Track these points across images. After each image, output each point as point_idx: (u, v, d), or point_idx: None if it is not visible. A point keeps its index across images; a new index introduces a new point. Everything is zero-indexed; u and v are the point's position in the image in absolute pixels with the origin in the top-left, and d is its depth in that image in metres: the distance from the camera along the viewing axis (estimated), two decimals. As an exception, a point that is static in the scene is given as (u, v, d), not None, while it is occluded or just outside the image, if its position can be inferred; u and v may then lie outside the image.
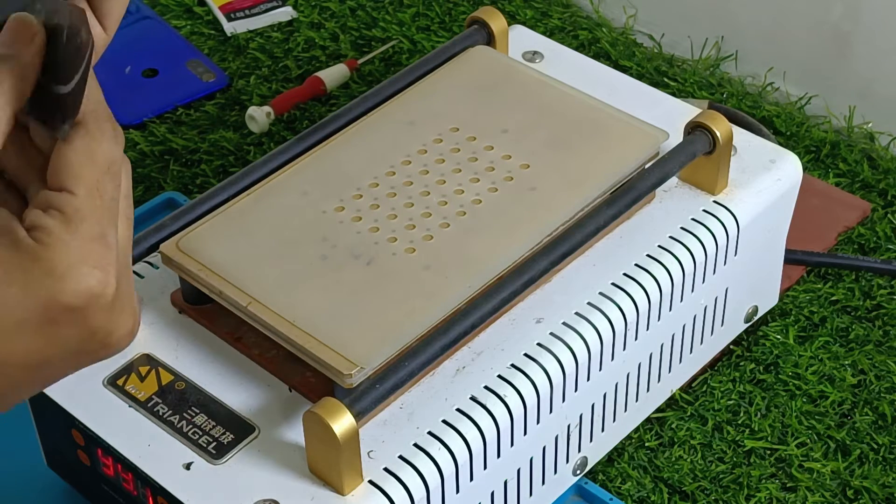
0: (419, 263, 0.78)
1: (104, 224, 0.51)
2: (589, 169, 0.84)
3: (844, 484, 0.88)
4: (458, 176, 0.83)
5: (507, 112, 0.88)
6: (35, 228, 0.50)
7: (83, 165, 0.51)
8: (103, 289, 0.51)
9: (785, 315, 0.97)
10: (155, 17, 1.26)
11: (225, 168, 1.10)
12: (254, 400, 0.76)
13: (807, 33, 1.15)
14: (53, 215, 0.50)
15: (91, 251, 0.50)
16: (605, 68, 0.98)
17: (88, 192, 0.51)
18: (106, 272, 0.51)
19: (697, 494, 0.87)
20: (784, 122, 1.13)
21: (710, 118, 0.86)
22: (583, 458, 0.84)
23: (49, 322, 0.50)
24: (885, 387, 0.93)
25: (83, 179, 0.51)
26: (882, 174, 1.08)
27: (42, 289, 0.50)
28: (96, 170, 0.51)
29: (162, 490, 0.73)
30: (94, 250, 0.50)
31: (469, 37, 0.94)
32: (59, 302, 0.50)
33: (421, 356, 0.73)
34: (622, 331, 0.81)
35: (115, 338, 0.53)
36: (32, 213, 0.50)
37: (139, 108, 1.16)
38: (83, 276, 0.50)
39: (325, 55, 1.21)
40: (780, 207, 0.90)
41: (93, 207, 0.51)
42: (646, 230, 0.86)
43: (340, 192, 0.82)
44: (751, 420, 0.91)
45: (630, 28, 1.25)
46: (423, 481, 0.73)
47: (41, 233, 0.50)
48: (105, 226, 0.51)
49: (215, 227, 0.81)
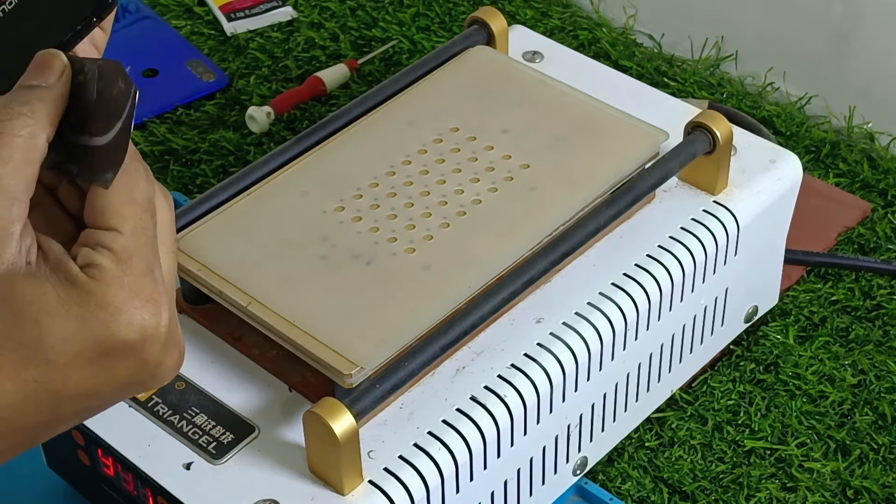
0: (419, 263, 0.78)
1: (150, 260, 0.53)
2: (589, 169, 0.84)
3: (844, 484, 0.88)
4: (458, 176, 0.83)
5: (507, 112, 0.88)
6: (87, 266, 0.51)
7: (125, 205, 0.52)
8: (157, 322, 0.52)
9: (785, 315, 0.97)
10: (155, 17, 1.26)
11: (225, 168, 1.10)
12: (254, 400, 0.76)
13: (807, 33, 1.15)
14: (103, 253, 0.52)
15: (143, 286, 0.52)
16: (605, 68, 0.98)
17: (133, 231, 0.52)
18: (158, 306, 0.52)
19: (697, 494, 0.87)
20: (784, 122, 1.13)
21: (710, 118, 0.86)
22: (583, 458, 0.84)
23: (103, 355, 0.51)
24: (885, 387, 0.93)
25: (127, 219, 0.52)
26: (882, 174, 1.08)
27: (97, 323, 0.51)
28: (137, 209, 0.53)
29: (162, 490, 0.73)
30: (146, 285, 0.52)
31: (469, 37, 0.94)
32: (115, 336, 0.51)
33: (421, 356, 0.73)
34: (622, 331, 0.81)
35: (163, 369, 0.54)
36: (83, 251, 0.52)
37: (139, 108, 1.15)
38: (137, 311, 0.52)
39: (325, 55, 1.21)
40: (780, 207, 0.90)
41: (138, 245, 0.52)
42: (646, 230, 0.85)
43: (340, 192, 0.82)
44: (751, 420, 0.91)
45: (630, 28, 1.25)
46: (423, 481, 0.73)
47: (94, 269, 0.51)
48: (151, 261, 0.53)
49: (215, 227, 0.81)
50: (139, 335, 0.52)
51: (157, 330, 0.52)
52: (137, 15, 1.26)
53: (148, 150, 1.12)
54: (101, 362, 0.51)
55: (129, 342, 0.52)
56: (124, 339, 0.51)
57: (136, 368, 0.53)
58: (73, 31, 0.53)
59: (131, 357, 0.52)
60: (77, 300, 0.51)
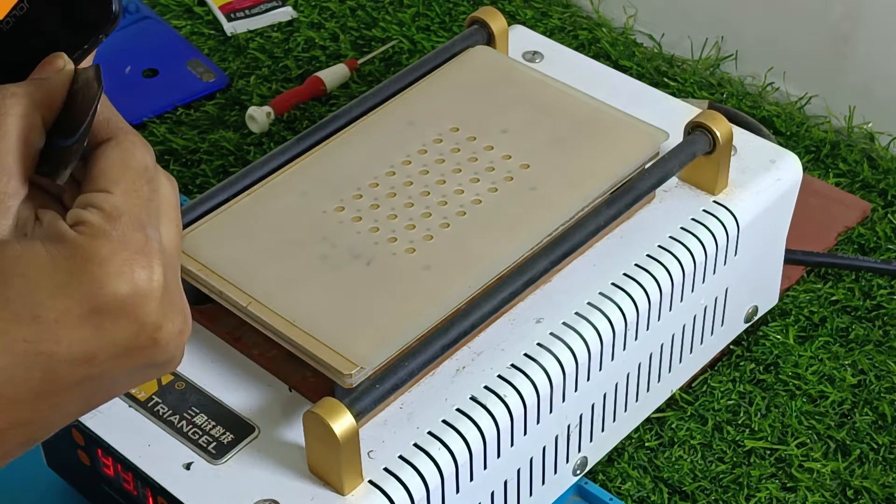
0: (419, 263, 0.78)
1: (143, 219, 0.52)
2: (589, 169, 0.84)
3: (844, 484, 0.88)
4: (458, 176, 0.83)
5: (507, 112, 0.88)
6: (77, 223, 0.51)
7: (118, 170, 0.52)
8: (148, 275, 0.51)
9: (785, 315, 0.97)
10: (155, 17, 1.26)
11: (225, 168, 1.10)
12: (254, 400, 0.76)
13: (807, 33, 1.15)
14: (93, 211, 0.51)
15: (132, 240, 0.51)
16: (605, 68, 0.98)
17: (125, 192, 0.52)
18: (150, 260, 0.51)
19: (697, 494, 0.87)
20: (784, 122, 1.13)
21: (710, 118, 0.86)
22: (583, 458, 0.84)
23: (95, 312, 0.50)
24: (885, 387, 0.93)
25: (119, 182, 0.52)
26: (882, 174, 1.08)
27: (86, 276, 0.50)
28: (131, 173, 0.53)
29: (162, 490, 0.73)
30: (136, 240, 0.51)
31: (469, 37, 0.94)
32: (104, 289, 0.50)
33: (421, 356, 0.73)
34: (622, 331, 0.81)
35: (165, 333, 0.52)
36: (73, 211, 0.52)
37: (139, 108, 1.16)
38: (126, 264, 0.51)
39: (325, 55, 1.21)
40: (780, 207, 0.90)
41: (130, 204, 0.52)
42: (646, 230, 0.85)
43: (340, 192, 0.82)
44: (751, 420, 0.91)
45: (630, 28, 1.25)
46: (423, 481, 0.73)
47: (83, 226, 0.51)
48: (144, 221, 0.52)
49: (215, 227, 0.81)
50: (129, 289, 0.51)
51: (150, 284, 0.51)
52: (137, 15, 1.26)
53: (148, 150, 1.12)
54: (94, 321, 0.50)
55: (120, 297, 0.50)
56: (114, 292, 0.50)
57: (133, 331, 0.51)
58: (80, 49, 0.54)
59: (125, 316, 0.51)
60: (65, 254, 0.50)
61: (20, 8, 0.54)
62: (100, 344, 0.51)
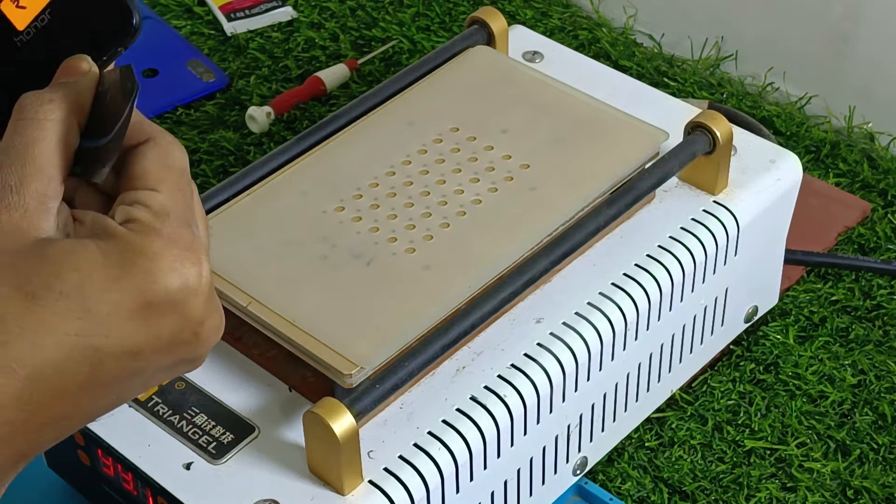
0: (419, 263, 0.78)
1: (188, 217, 0.53)
2: (589, 169, 0.84)
3: (844, 484, 0.88)
4: (458, 176, 0.83)
5: (507, 112, 0.88)
6: (126, 221, 0.52)
7: (161, 170, 0.53)
8: (199, 272, 0.52)
9: (785, 315, 0.97)
10: (155, 17, 1.26)
11: (225, 168, 1.10)
12: (254, 400, 0.76)
13: (807, 33, 1.15)
14: (141, 209, 0.52)
15: (181, 237, 0.52)
16: (605, 68, 0.98)
17: (170, 191, 0.53)
18: (198, 256, 0.52)
19: (697, 494, 0.87)
20: (784, 122, 1.13)
21: (710, 118, 0.86)
22: (583, 458, 0.84)
23: (146, 306, 0.51)
24: (885, 387, 0.93)
25: (164, 181, 0.53)
26: (882, 174, 1.08)
27: (138, 270, 0.51)
28: (173, 173, 0.53)
29: (162, 490, 0.73)
30: (185, 236, 0.52)
31: (469, 37, 0.94)
32: (156, 283, 0.51)
33: (421, 356, 0.73)
34: (622, 331, 0.81)
35: (206, 328, 0.53)
36: (121, 209, 0.52)
37: (139, 109, 1.15)
38: (177, 260, 0.51)
39: (325, 55, 1.21)
40: (780, 207, 0.90)
41: (176, 202, 0.53)
42: (646, 230, 0.85)
43: (340, 192, 0.82)
44: (751, 420, 0.91)
45: (630, 28, 1.25)
46: (423, 481, 0.73)
47: (133, 223, 0.52)
48: (189, 219, 0.53)
49: (215, 228, 0.81)
50: (180, 284, 0.51)
51: (199, 280, 0.52)
52: (137, 15, 1.26)
53: (148, 150, 1.12)
54: (144, 315, 0.51)
55: (171, 291, 0.51)
56: (166, 286, 0.51)
57: (179, 325, 0.52)
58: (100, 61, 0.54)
59: (174, 311, 0.51)
60: (117, 250, 0.51)
61: (41, 20, 0.54)
62: (147, 338, 0.51)
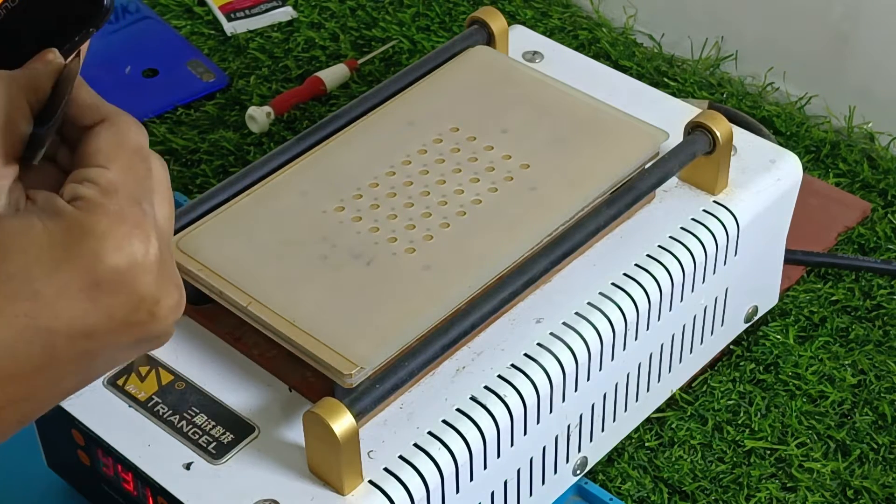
0: (419, 263, 0.78)
1: (138, 194, 0.53)
2: (589, 169, 0.84)
3: (844, 484, 0.88)
4: (458, 176, 0.83)
5: (507, 112, 0.88)
6: (74, 198, 0.51)
7: (113, 149, 0.53)
8: (146, 249, 0.52)
9: (785, 315, 0.97)
10: (155, 17, 1.26)
11: (225, 168, 1.10)
12: (254, 400, 0.76)
13: (807, 33, 1.15)
14: (89, 186, 0.52)
15: (129, 214, 0.52)
16: (605, 68, 0.98)
17: (121, 168, 0.53)
18: (146, 233, 0.52)
19: (697, 494, 0.87)
20: (784, 122, 1.13)
21: (710, 118, 0.86)
22: (583, 458, 0.84)
23: (94, 286, 0.51)
24: (885, 387, 0.93)
25: (115, 159, 0.53)
26: (882, 174, 1.08)
27: (84, 249, 0.50)
28: (126, 150, 0.53)
29: (162, 490, 0.73)
30: (132, 213, 0.52)
31: (469, 37, 0.94)
32: (103, 262, 0.51)
33: (421, 356, 0.73)
34: (622, 331, 0.81)
35: (162, 307, 0.53)
36: (70, 187, 0.52)
37: (139, 108, 1.16)
38: (124, 237, 0.51)
39: (325, 55, 1.21)
40: (780, 207, 0.90)
41: (125, 180, 0.52)
42: (646, 230, 0.85)
43: (340, 192, 0.82)
44: (751, 420, 0.91)
45: (630, 28, 1.25)
46: (423, 481, 0.73)
47: (80, 201, 0.51)
48: (140, 196, 0.52)
49: (215, 227, 0.81)
50: (127, 262, 0.51)
51: (147, 258, 0.51)
52: (137, 15, 1.26)
53: (148, 150, 1.12)
54: (93, 294, 0.51)
55: (118, 269, 0.51)
56: (113, 265, 0.51)
57: (132, 305, 0.51)
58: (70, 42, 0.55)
59: (123, 289, 0.51)
60: (63, 228, 0.50)
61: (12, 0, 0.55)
62: (98, 318, 0.51)
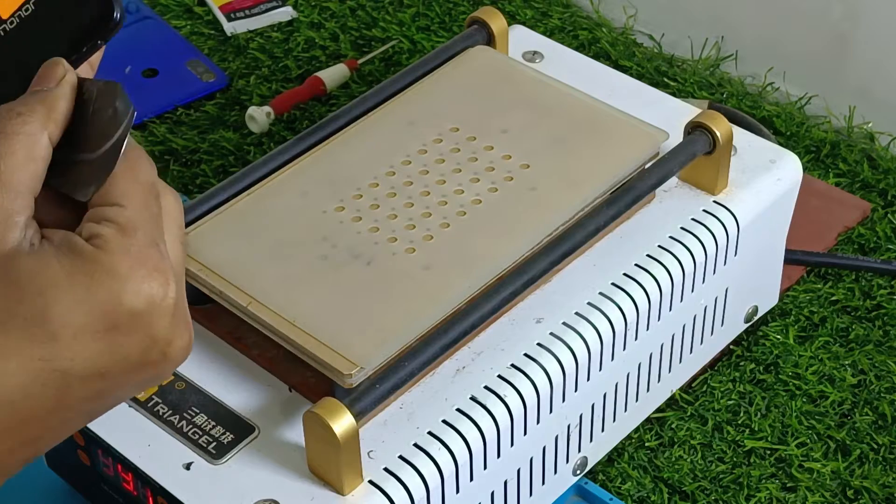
0: (419, 263, 0.78)
1: (155, 234, 0.52)
2: (589, 169, 0.84)
3: (844, 484, 0.88)
4: (458, 176, 0.83)
5: (507, 112, 0.88)
6: (92, 237, 0.51)
7: (128, 184, 0.52)
8: (164, 292, 0.51)
9: (785, 315, 0.97)
10: (155, 17, 1.26)
11: (225, 168, 1.10)
12: (254, 400, 0.76)
13: (807, 33, 1.15)
14: (108, 225, 0.51)
15: (148, 256, 0.51)
16: (605, 68, 0.98)
17: (137, 207, 0.52)
18: (165, 276, 0.52)
19: (697, 494, 0.87)
20: (784, 122, 1.13)
21: (710, 118, 0.86)
22: (583, 458, 0.84)
23: (111, 328, 0.50)
24: (885, 387, 0.93)
25: (131, 196, 0.52)
26: (882, 174, 1.08)
27: (104, 290, 0.50)
28: (141, 188, 0.53)
29: (162, 490, 0.73)
30: (152, 255, 0.51)
31: (469, 37, 0.94)
32: (122, 304, 0.50)
33: (421, 356, 0.73)
34: (622, 331, 0.81)
35: (174, 348, 0.53)
36: (87, 226, 0.52)
37: (139, 108, 1.15)
38: (143, 280, 0.51)
39: (325, 55, 1.21)
40: (780, 207, 0.90)
41: (143, 219, 0.52)
42: (646, 230, 0.85)
43: (340, 192, 0.82)
44: (751, 420, 0.91)
45: (630, 28, 1.25)
46: (423, 481, 0.73)
47: (99, 240, 0.51)
48: (156, 236, 0.52)
49: (215, 227, 0.81)
50: (146, 304, 0.51)
51: (165, 301, 0.51)
52: (137, 15, 1.26)
53: (148, 150, 1.12)
54: (110, 337, 0.50)
55: (137, 312, 0.51)
56: (131, 307, 0.50)
57: (146, 346, 0.51)
58: (79, 53, 0.54)
59: (139, 331, 0.51)
60: (82, 269, 0.50)
61: (25, 9, 0.54)
62: (113, 359, 0.51)
